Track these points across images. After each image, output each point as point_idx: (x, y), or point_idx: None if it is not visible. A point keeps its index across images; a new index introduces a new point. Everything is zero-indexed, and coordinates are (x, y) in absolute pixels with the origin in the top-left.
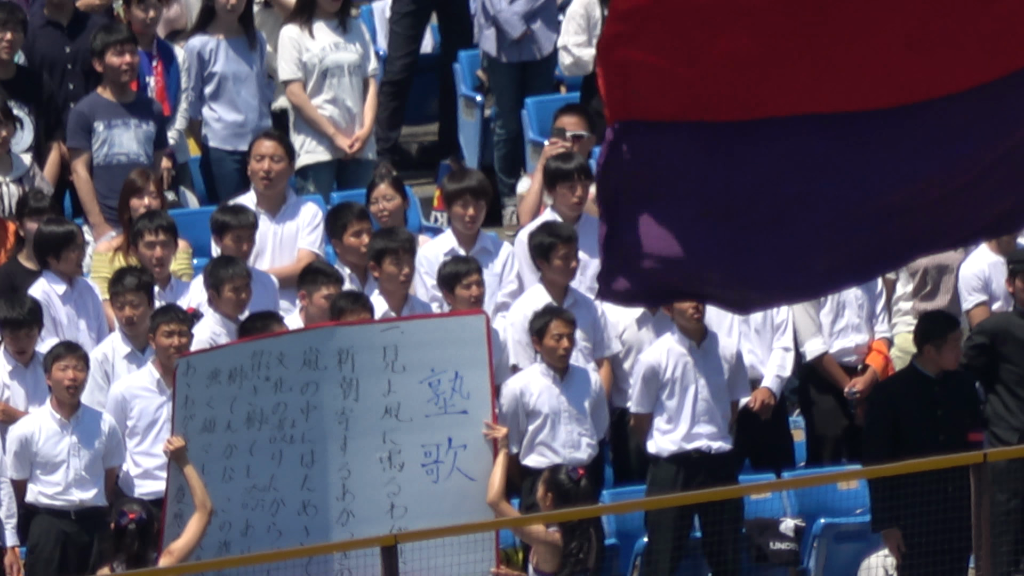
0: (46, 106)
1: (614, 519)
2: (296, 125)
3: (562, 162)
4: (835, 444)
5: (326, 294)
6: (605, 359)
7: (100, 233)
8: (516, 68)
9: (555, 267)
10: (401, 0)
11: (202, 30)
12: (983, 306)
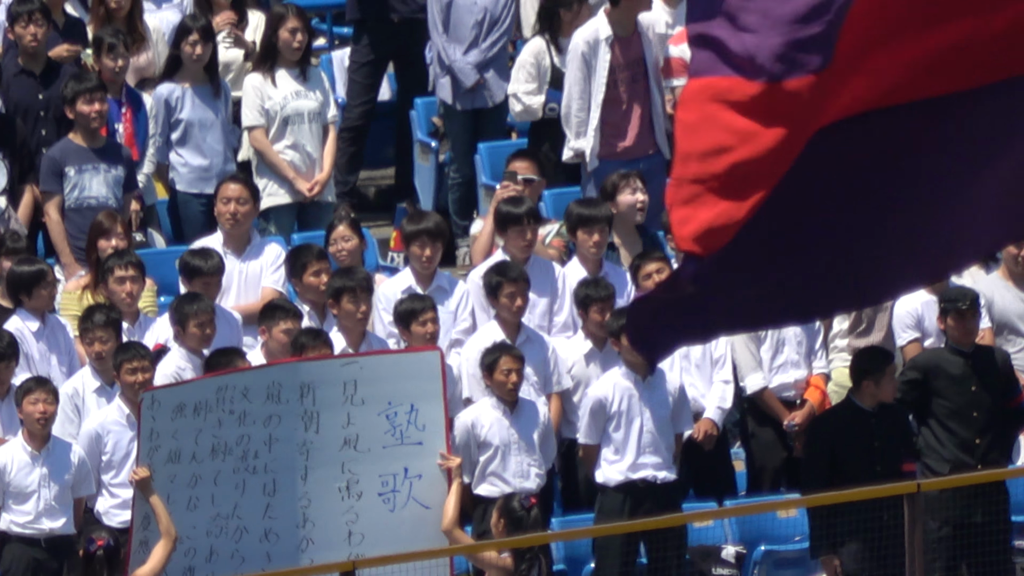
0: (20, 151)
1: (563, 545)
2: (259, 169)
3: (512, 206)
4: (775, 474)
5: (285, 329)
6: (555, 393)
7: (71, 272)
8: (469, 115)
9: (503, 305)
10: (359, 50)
11: (169, 78)
12: (916, 343)
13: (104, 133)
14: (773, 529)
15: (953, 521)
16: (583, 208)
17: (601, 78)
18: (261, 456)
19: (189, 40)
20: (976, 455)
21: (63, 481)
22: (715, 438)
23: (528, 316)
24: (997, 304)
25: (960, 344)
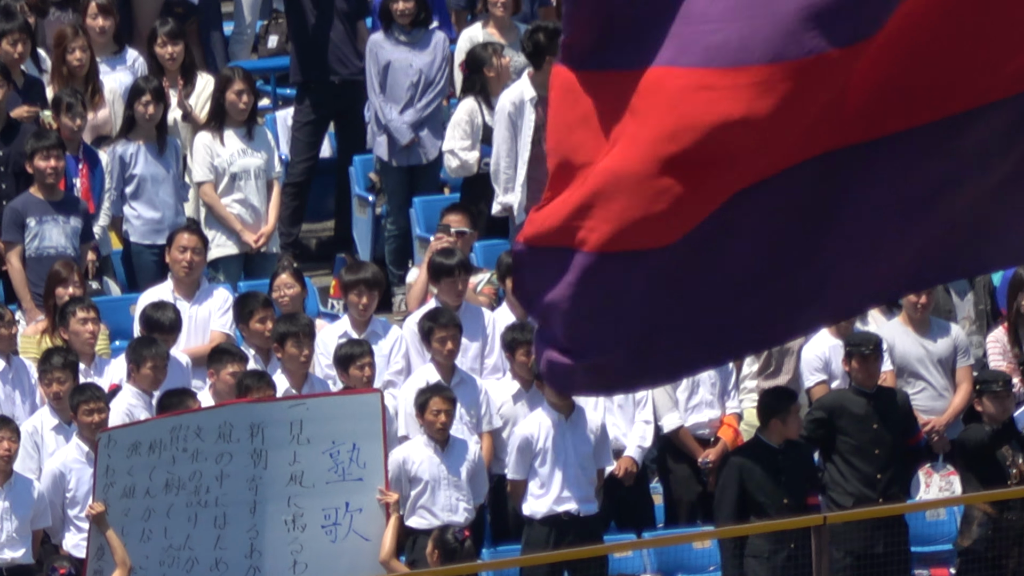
0: None
1: (493, 575)
2: (207, 221)
3: (445, 258)
4: (690, 507)
5: (232, 371)
6: (485, 432)
7: (31, 317)
8: (405, 171)
9: (436, 349)
10: (302, 110)
11: (124, 137)
12: (823, 384)
13: (63, 187)
14: (689, 559)
15: (856, 551)
16: (510, 258)
17: (526, 137)
18: (212, 491)
19: (142, 100)
20: (878, 489)
21: (23, 514)
22: (635, 474)
23: (461, 359)
24: (898, 348)
25: (863, 386)
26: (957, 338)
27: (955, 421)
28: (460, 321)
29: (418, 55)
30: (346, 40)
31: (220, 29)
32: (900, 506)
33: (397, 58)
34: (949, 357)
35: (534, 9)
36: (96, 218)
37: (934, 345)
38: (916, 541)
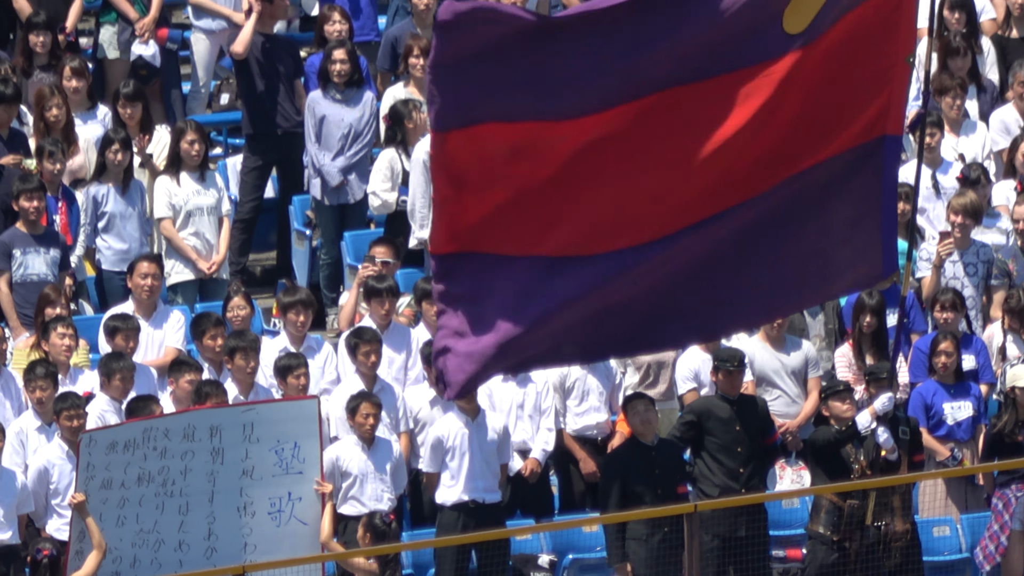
0: None
1: (411, 554)
2: (167, 252)
3: (376, 282)
4: (581, 497)
5: (188, 379)
6: (404, 432)
7: (17, 334)
8: (336, 209)
9: (361, 362)
10: (250, 157)
11: (96, 180)
12: (694, 391)
13: (44, 223)
14: (579, 541)
15: (722, 535)
16: (426, 284)
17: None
18: (177, 483)
19: (112, 149)
20: (740, 482)
21: (9, 502)
22: (539, 473)
23: (387, 369)
24: (757, 361)
25: (728, 393)
26: (808, 353)
27: (806, 423)
28: (381, 338)
29: (349, 111)
30: (286, 98)
31: (179, 87)
32: (759, 496)
33: (331, 113)
34: (801, 369)
35: None
36: (73, 249)
37: (788, 359)
38: (774, 526)
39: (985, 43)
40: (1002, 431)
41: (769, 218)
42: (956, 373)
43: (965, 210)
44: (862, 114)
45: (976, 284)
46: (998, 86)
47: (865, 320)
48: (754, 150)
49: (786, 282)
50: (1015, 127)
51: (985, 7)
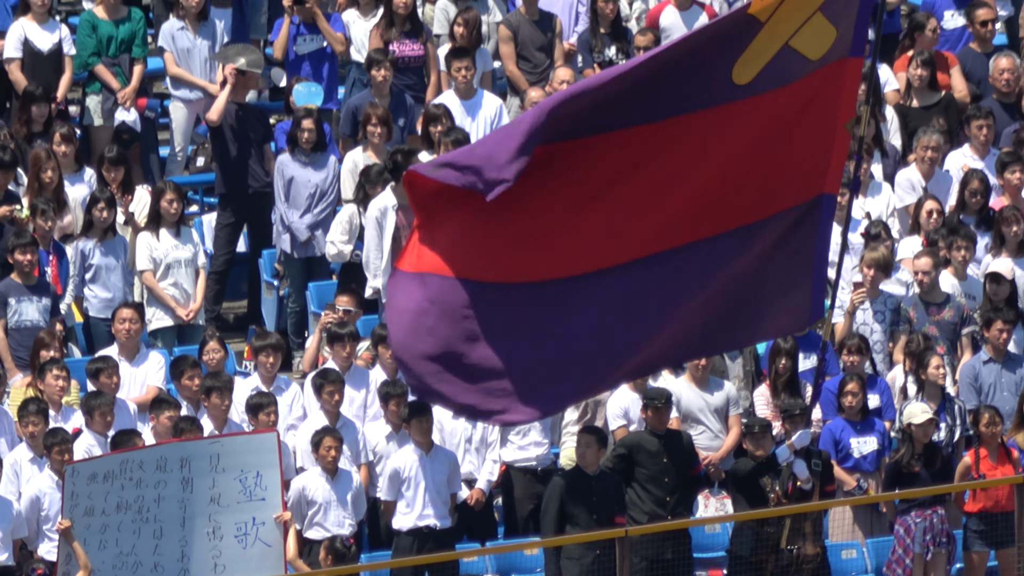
0: None
1: (370, 575)
2: (148, 300)
3: (338, 328)
4: (524, 522)
5: (168, 416)
6: (363, 464)
7: (12, 375)
8: (303, 262)
9: (325, 400)
10: (223, 215)
11: (84, 235)
12: (624, 427)
13: (36, 274)
14: (522, 563)
15: (650, 557)
16: (382, 330)
17: (389, 234)
18: (152, 510)
19: (97, 207)
20: (667, 509)
21: (5, 527)
22: (483, 502)
23: (348, 407)
24: (683, 400)
25: (656, 428)
26: (729, 392)
27: (727, 456)
28: (343, 379)
29: (315, 172)
30: (257, 161)
31: (158, 151)
32: (685, 522)
33: (299, 174)
34: (723, 407)
35: (403, 136)
36: (63, 298)
37: (711, 397)
38: (697, 549)
39: (888, 112)
40: (900, 463)
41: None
42: (863, 411)
43: (877, 264)
44: (804, 173)
45: (884, 330)
46: (900, 151)
47: (781, 363)
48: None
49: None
50: (919, 187)
51: (889, 79)
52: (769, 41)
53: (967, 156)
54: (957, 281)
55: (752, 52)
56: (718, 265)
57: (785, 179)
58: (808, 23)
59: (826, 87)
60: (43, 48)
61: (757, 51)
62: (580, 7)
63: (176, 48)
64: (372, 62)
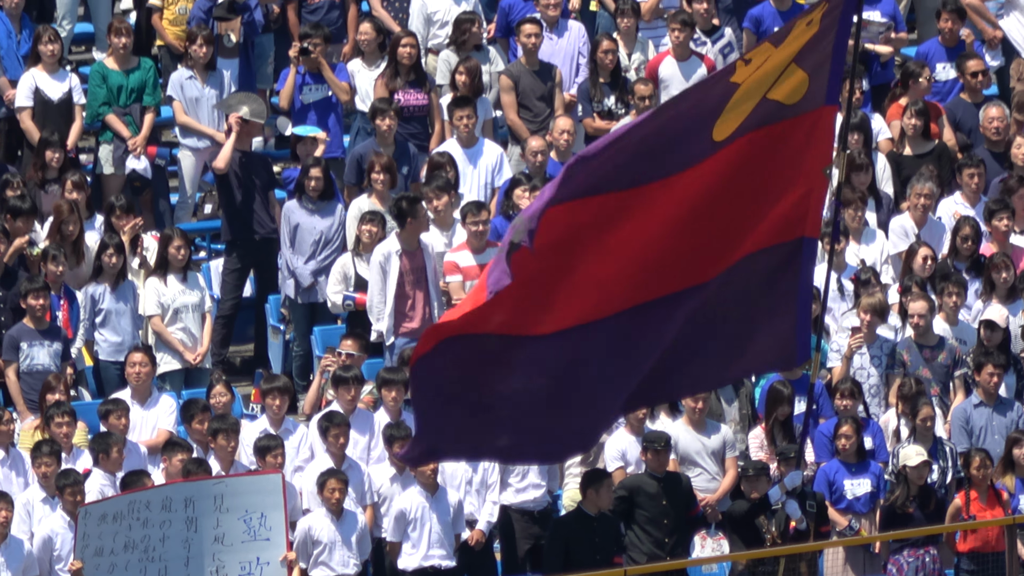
0: None
1: None
2: (157, 345)
3: (343, 372)
4: (521, 563)
5: (180, 458)
6: (368, 505)
7: (24, 417)
8: (307, 307)
9: (330, 442)
10: (230, 261)
11: (94, 280)
12: (621, 470)
13: (48, 318)
14: None
15: None
16: (386, 373)
17: (393, 280)
18: (157, 549)
19: (107, 253)
20: (666, 550)
21: (16, 567)
22: (483, 543)
23: (354, 449)
24: (681, 442)
25: (656, 471)
26: (726, 435)
27: (724, 498)
28: (348, 421)
29: (321, 219)
30: (263, 207)
31: (167, 198)
32: (682, 562)
33: (304, 221)
34: (720, 450)
35: (407, 184)
36: (73, 342)
37: (708, 440)
38: None
39: (880, 160)
40: (894, 504)
41: (700, 306)
42: (857, 453)
43: (874, 309)
44: (781, 215)
45: (880, 373)
46: (893, 198)
47: (780, 410)
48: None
49: (710, 362)
50: (912, 234)
51: (881, 128)
52: (747, 97)
53: (958, 204)
54: (948, 326)
55: (730, 109)
56: (705, 306)
57: (766, 219)
58: (783, 73)
59: (803, 134)
60: (53, 97)
61: (735, 108)
62: (581, 58)
63: (184, 97)
64: (376, 111)
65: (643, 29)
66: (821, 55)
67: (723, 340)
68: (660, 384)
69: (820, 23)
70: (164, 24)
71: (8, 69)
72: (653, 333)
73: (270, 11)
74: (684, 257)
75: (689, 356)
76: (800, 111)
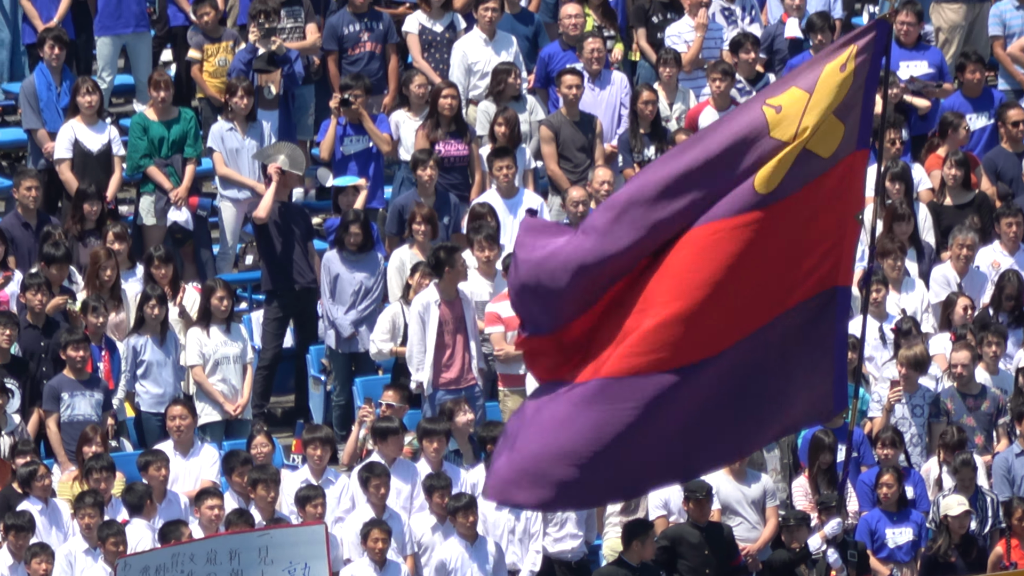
0: (29, 382)
1: None
2: (198, 395)
3: (387, 423)
4: None
5: (210, 505)
6: (410, 555)
7: (65, 467)
8: (348, 357)
9: (371, 493)
10: (270, 311)
11: (136, 331)
12: (663, 518)
13: (89, 369)
14: None
15: None
16: (428, 424)
17: (432, 330)
18: None
19: (149, 304)
20: None
21: None
22: None
23: (395, 500)
24: (722, 492)
25: (698, 521)
26: (767, 485)
27: (765, 547)
28: (389, 472)
29: (360, 271)
30: (302, 257)
31: (209, 248)
32: None
33: (344, 272)
34: (760, 499)
35: (448, 234)
36: (114, 393)
37: (749, 489)
38: None
39: (921, 210)
40: (936, 553)
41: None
42: (899, 502)
43: (911, 362)
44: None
45: (920, 423)
46: (935, 248)
47: (823, 458)
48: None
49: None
50: (953, 283)
51: (922, 179)
52: (791, 149)
53: (997, 252)
54: (989, 375)
55: (775, 161)
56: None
57: (802, 273)
58: (822, 125)
59: (837, 181)
60: (92, 149)
61: (780, 159)
62: (622, 109)
63: (225, 148)
64: (417, 162)
65: (684, 79)
66: (853, 101)
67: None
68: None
69: (854, 71)
70: (204, 76)
71: (48, 121)
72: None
73: (310, 62)
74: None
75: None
76: (836, 160)
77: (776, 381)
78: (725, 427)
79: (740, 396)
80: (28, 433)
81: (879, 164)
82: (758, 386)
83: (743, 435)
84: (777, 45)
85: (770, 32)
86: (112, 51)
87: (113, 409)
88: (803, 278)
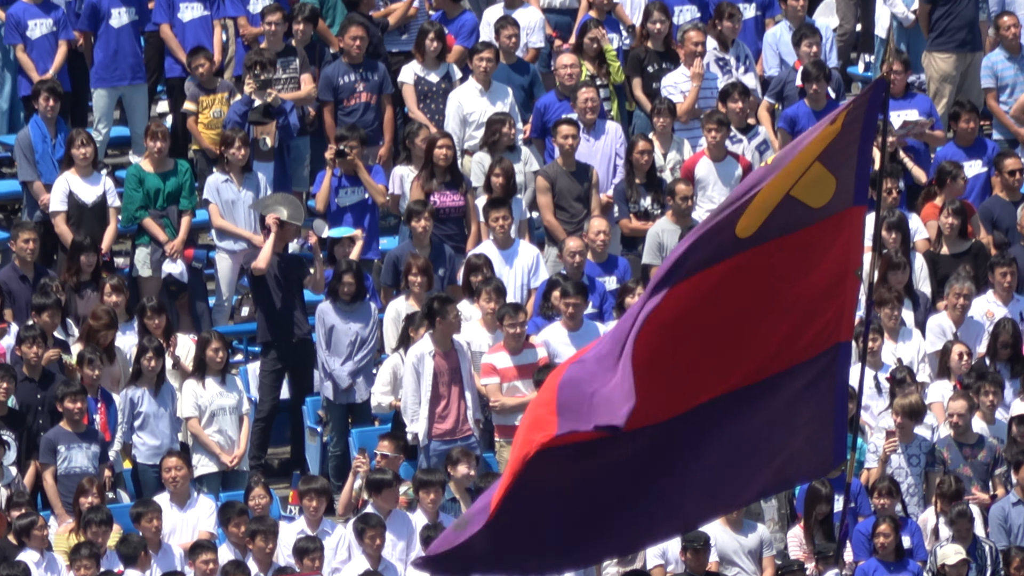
0: (26, 434)
1: None
2: (194, 447)
3: (382, 475)
4: None
5: (204, 559)
6: None
7: (62, 520)
8: (344, 408)
9: (366, 544)
10: (267, 362)
11: (133, 383)
12: (661, 567)
13: (85, 421)
14: None
15: None
16: (424, 475)
17: (427, 382)
18: None
19: (146, 356)
20: None
21: None
22: None
23: (391, 551)
24: (719, 542)
25: (695, 571)
26: (763, 535)
27: None
28: (384, 523)
29: (355, 322)
30: (299, 308)
31: (205, 300)
32: None
33: (339, 323)
34: (757, 549)
35: (443, 285)
36: (111, 445)
37: (746, 540)
38: None
39: (918, 259)
40: None
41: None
42: (895, 552)
43: (908, 410)
44: (817, 323)
45: (917, 473)
46: (930, 297)
47: (819, 508)
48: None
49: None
50: (949, 333)
51: (918, 228)
52: (771, 194)
53: (991, 302)
54: (986, 425)
55: (755, 206)
56: (740, 420)
57: (800, 330)
58: (807, 173)
59: (832, 236)
60: (87, 201)
61: (759, 205)
62: (617, 159)
63: (220, 200)
64: (412, 213)
65: (679, 129)
66: (847, 155)
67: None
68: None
69: (843, 123)
70: (199, 128)
71: (44, 173)
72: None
73: (306, 114)
74: (711, 363)
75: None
76: (828, 213)
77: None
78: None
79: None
80: (24, 485)
81: (876, 214)
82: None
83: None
84: (787, 92)
85: (781, 79)
86: (108, 103)
87: (110, 461)
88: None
